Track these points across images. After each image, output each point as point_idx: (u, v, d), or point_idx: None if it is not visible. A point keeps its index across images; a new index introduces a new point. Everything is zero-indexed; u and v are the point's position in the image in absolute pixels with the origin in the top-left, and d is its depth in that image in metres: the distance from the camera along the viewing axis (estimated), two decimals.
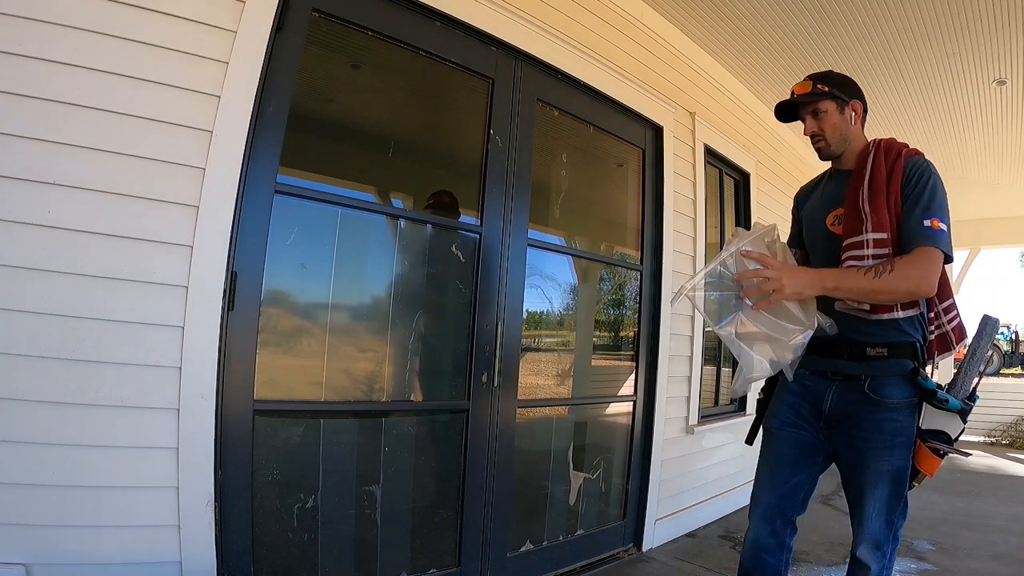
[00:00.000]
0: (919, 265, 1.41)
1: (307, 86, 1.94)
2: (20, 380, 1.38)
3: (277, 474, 1.81)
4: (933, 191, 1.47)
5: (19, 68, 1.39)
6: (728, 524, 3.49)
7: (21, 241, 1.39)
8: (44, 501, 1.40)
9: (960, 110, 4.28)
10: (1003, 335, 19.88)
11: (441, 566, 2.14)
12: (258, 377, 1.71)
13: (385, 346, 2.12)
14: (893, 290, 1.40)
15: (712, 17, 3.26)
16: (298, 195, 1.89)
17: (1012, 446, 7.01)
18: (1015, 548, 3.12)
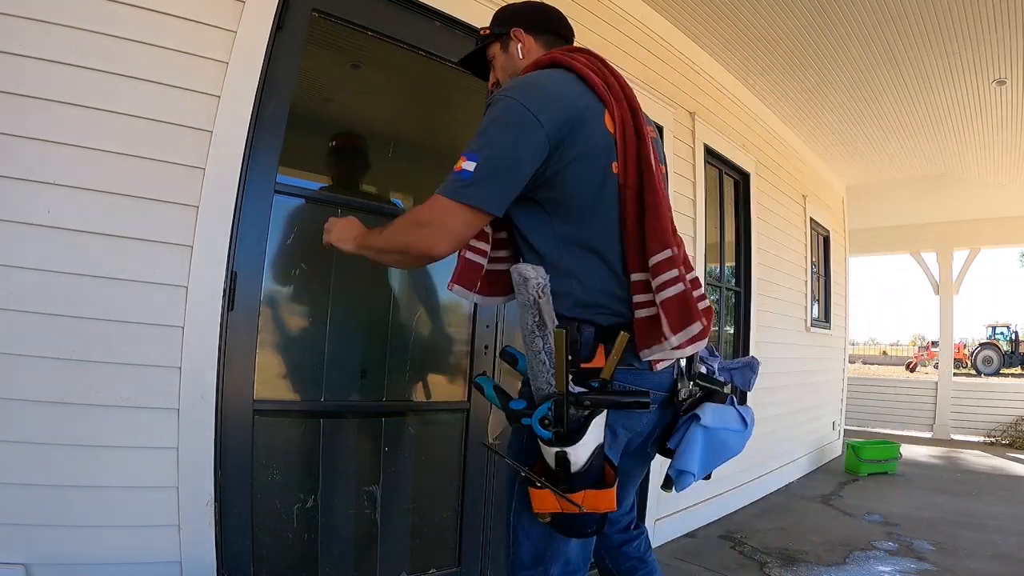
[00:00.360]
0: (413, 213, 1.10)
1: (307, 86, 1.94)
2: (20, 380, 1.38)
3: (277, 474, 1.81)
4: (486, 122, 1.04)
5: (19, 68, 1.39)
6: (728, 524, 3.49)
7: (21, 241, 1.39)
8: (44, 501, 1.40)
9: (960, 110, 4.28)
10: (1003, 335, 19.88)
11: (441, 566, 2.14)
12: (258, 377, 1.71)
13: (385, 345, 2.12)
14: (388, 247, 1.13)
15: (712, 17, 3.26)
16: (298, 195, 1.89)
17: (1012, 446, 7.01)
18: (1015, 548, 3.12)
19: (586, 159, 1.06)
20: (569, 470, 0.98)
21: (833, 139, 5.07)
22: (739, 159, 3.98)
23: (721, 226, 3.96)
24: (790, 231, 4.83)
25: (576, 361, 1.03)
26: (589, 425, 0.97)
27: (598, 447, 1.00)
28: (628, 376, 1.08)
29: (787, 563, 2.84)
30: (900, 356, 30.32)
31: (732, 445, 1.18)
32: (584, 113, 1.07)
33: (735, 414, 1.19)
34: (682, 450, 1.14)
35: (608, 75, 1.13)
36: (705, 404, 1.17)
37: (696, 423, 1.14)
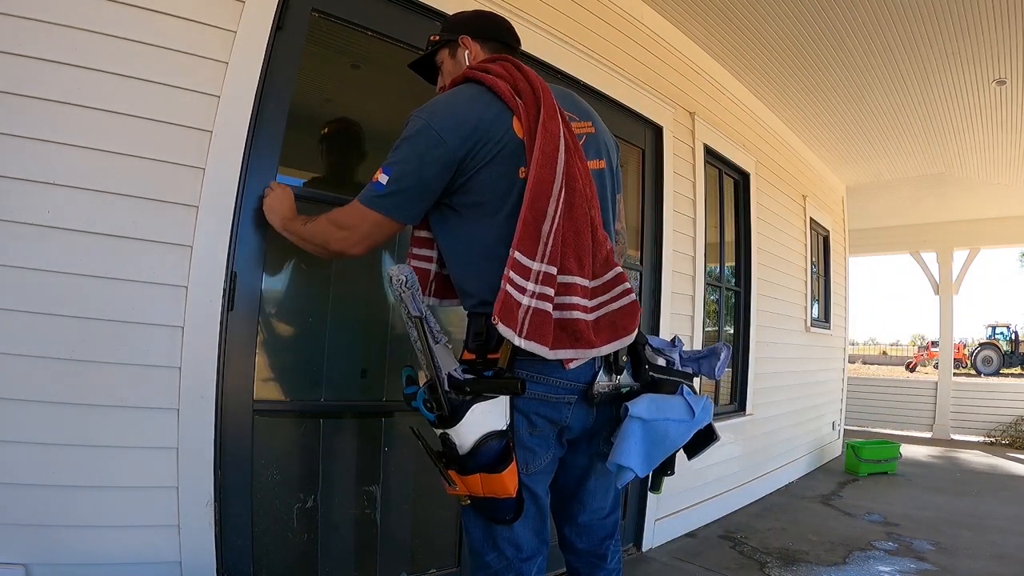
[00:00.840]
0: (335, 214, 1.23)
1: (307, 86, 1.94)
2: (20, 380, 1.38)
3: (277, 474, 1.81)
4: (401, 140, 1.15)
5: (19, 68, 1.39)
6: (728, 524, 3.49)
7: (21, 241, 1.39)
8: (44, 501, 1.40)
9: (960, 110, 4.28)
10: (1003, 335, 19.89)
11: (441, 566, 2.14)
12: (258, 377, 1.71)
13: (385, 345, 2.12)
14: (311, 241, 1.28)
15: (712, 17, 3.26)
16: (298, 195, 1.88)
17: (1012, 446, 7.02)
18: (1015, 548, 3.12)
19: (493, 165, 1.12)
20: (456, 452, 1.05)
21: (833, 139, 5.08)
22: (739, 159, 3.98)
23: (721, 226, 3.96)
24: (790, 231, 4.83)
25: (484, 352, 1.11)
26: (469, 409, 1.04)
27: (492, 432, 1.05)
28: (534, 366, 1.10)
29: (787, 563, 2.84)
30: (900, 356, 30.33)
31: (674, 436, 1.15)
32: (490, 124, 1.12)
33: (681, 404, 1.16)
34: (616, 444, 1.14)
35: (519, 79, 1.17)
36: (641, 396, 1.17)
37: (629, 416, 1.13)
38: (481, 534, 1.18)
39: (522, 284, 1.06)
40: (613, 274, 1.16)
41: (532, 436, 1.14)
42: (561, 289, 1.10)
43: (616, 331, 1.14)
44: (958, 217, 7.54)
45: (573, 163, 1.13)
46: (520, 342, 1.04)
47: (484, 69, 1.19)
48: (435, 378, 1.05)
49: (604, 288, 1.16)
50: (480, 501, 1.09)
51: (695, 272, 3.35)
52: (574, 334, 1.09)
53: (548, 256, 1.07)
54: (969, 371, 18.39)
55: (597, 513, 1.32)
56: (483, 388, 1.07)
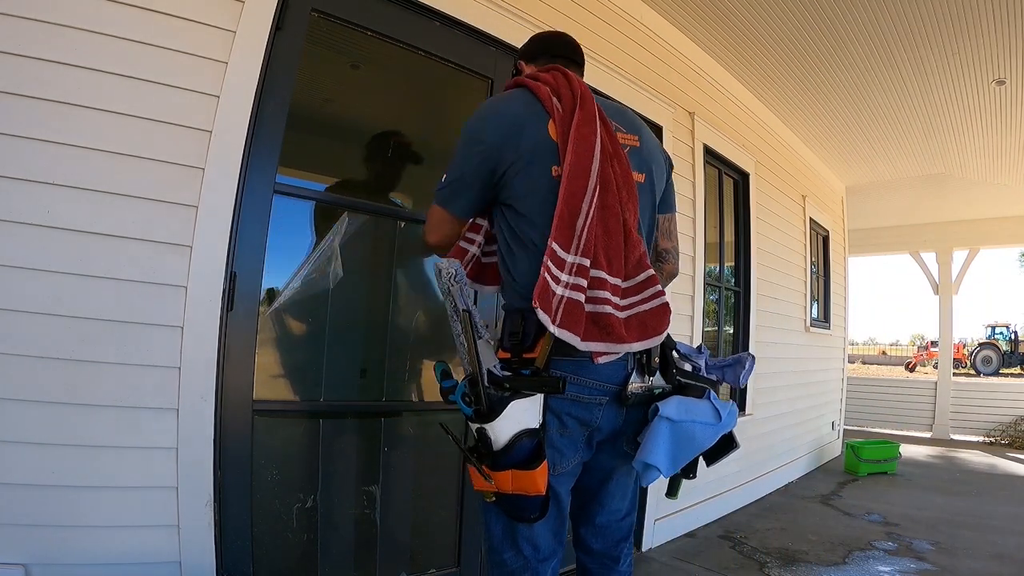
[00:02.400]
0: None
1: (306, 86, 1.94)
2: (19, 380, 1.38)
3: (276, 474, 1.81)
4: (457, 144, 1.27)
5: (19, 68, 1.39)
6: (728, 524, 3.50)
7: (21, 241, 1.39)
8: (43, 501, 1.40)
9: (960, 110, 4.29)
10: (1002, 335, 19.89)
11: (441, 566, 2.14)
12: (257, 377, 1.71)
13: (384, 345, 2.12)
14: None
15: (712, 18, 3.26)
16: (297, 195, 1.89)
17: (1011, 446, 7.02)
18: (1015, 548, 3.13)
19: (527, 163, 1.17)
20: (491, 447, 1.06)
21: (833, 139, 5.08)
22: (738, 159, 3.98)
23: (720, 226, 3.96)
24: (789, 231, 4.83)
25: (519, 352, 1.13)
26: (507, 405, 1.05)
27: (526, 430, 1.07)
28: (569, 366, 1.12)
29: (787, 563, 2.84)
30: (899, 356, 30.33)
31: (700, 438, 1.18)
32: (525, 122, 1.19)
33: (708, 407, 1.20)
34: (644, 443, 1.16)
35: (563, 86, 1.23)
36: (670, 398, 1.19)
37: (659, 416, 1.15)
38: (501, 532, 1.19)
39: (557, 274, 1.09)
40: (645, 276, 1.19)
41: (562, 437, 1.16)
42: (593, 283, 1.12)
43: (646, 331, 1.15)
44: (958, 217, 7.54)
45: (608, 168, 1.17)
46: (554, 329, 1.06)
47: (534, 77, 1.28)
48: (476, 373, 1.06)
49: (636, 289, 1.18)
50: (506, 498, 1.10)
51: (695, 272, 3.35)
52: (605, 328, 1.11)
53: (582, 249, 1.11)
54: (969, 371, 18.40)
55: (615, 515, 1.33)
56: (523, 385, 1.08)
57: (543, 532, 1.19)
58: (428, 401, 2.24)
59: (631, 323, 1.15)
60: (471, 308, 1.12)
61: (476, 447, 1.10)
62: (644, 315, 1.16)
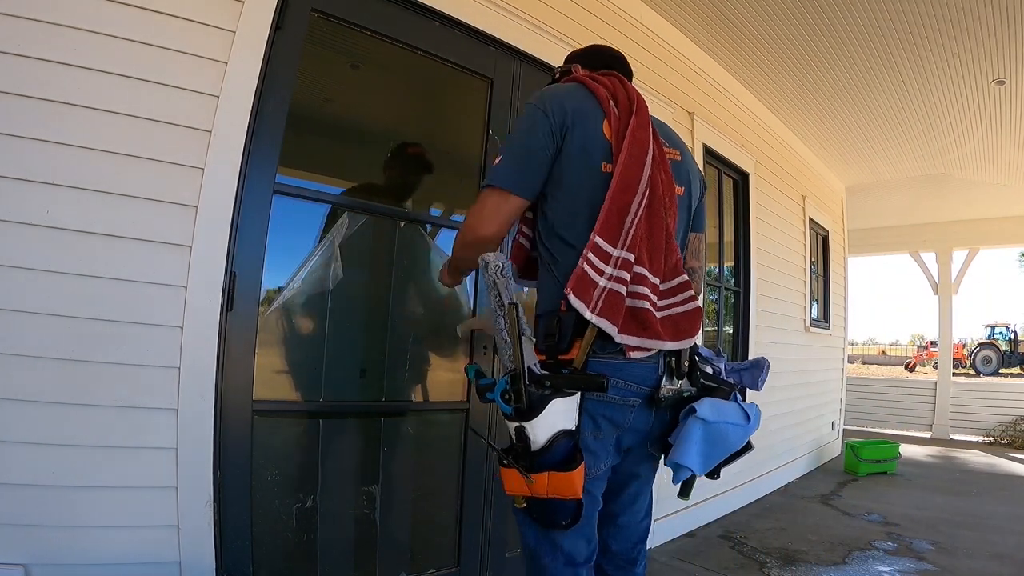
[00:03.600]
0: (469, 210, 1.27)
1: (306, 86, 1.93)
2: (19, 380, 1.38)
3: (276, 474, 1.81)
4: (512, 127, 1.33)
5: (19, 68, 1.39)
6: (728, 524, 3.50)
7: (20, 241, 1.39)
8: (43, 501, 1.40)
9: (959, 110, 4.29)
10: (1002, 335, 19.90)
11: (440, 566, 2.14)
12: (257, 377, 1.71)
13: (384, 345, 2.12)
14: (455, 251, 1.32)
15: (711, 18, 3.26)
16: (297, 195, 1.89)
17: (1011, 446, 7.02)
18: (1014, 548, 3.13)
19: (579, 154, 1.18)
20: (529, 447, 1.04)
21: (832, 139, 5.08)
22: (738, 159, 3.98)
23: (720, 226, 3.96)
24: (789, 231, 4.83)
25: (555, 353, 1.11)
26: (548, 403, 1.04)
27: (564, 430, 1.06)
28: (605, 366, 1.12)
29: (786, 563, 2.84)
30: (899, 356, 30.35)
31: (732, 439, 1.20)
32: (584, 115, 1.20)
33: (737, 409, 1.22)
34: (678, 443, 1.17)
35: (620, 91, 1.25)
36: (703, 399, 1.20)
37: (693, 417, 1.16)
38: (535, 536, 1.17)
39: (600, 267, 1.09)
40: (680, 280, 1.22)
41: (595, 440, 1.15)
42: (635, 278, 1.13)
43: (679, 332, 1.18)
44: (957, 217, 7.54)
45: (657, 172, 1.19)
46: (591, 317, 1.06)
47: (592, 77, 1.30)
48: (519, 369, 1.04)
49: (671, 292, 1.21)
50: (538, 504, 1.08)
51: None
52: (643, 323, 1.12)
53: (628, 245, 1.12)
54: (968, 371, 18.41)
55: (635, 516, 1.34)
56: (564, 383, 1.07)
57: (576, 538, 1.16)
58: (428, 401, 2.24)
59: (665, 323, 1.17)
60: (517, 303, 1.10)
61: (512, 447, 1.07)
62: (678, 317, 1.19)
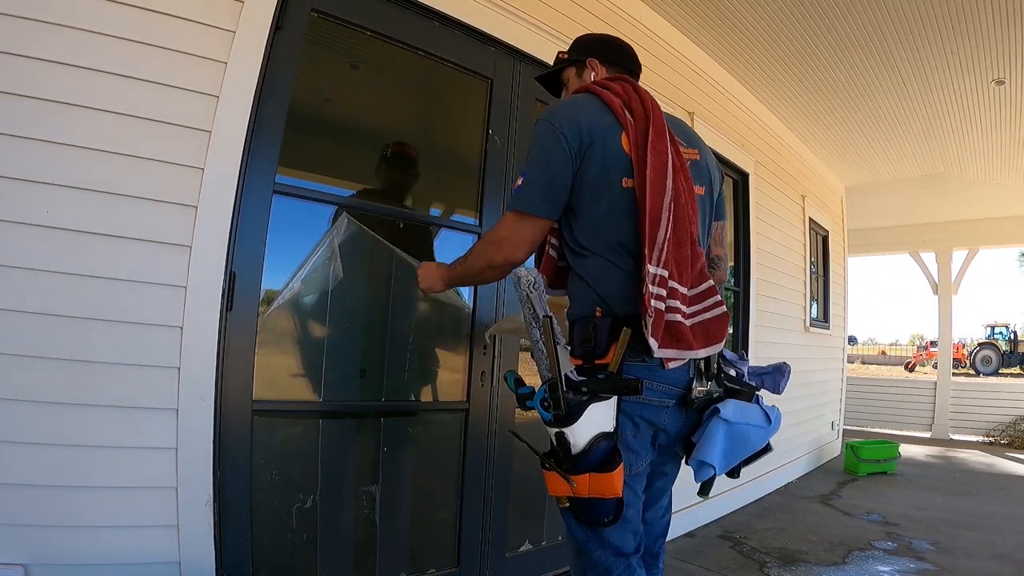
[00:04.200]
0: (489, 233, 1.30)
1: (306, 86, 1.93)
2: (19, 380, 1.38)
3: (276, 474, 1.81)
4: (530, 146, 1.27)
5: (19, 68, 1.39)
6: (727, 524, 3.50)
7: (20, 241, 1.39)
8: (43, 501, 1.40)
9: (959, 110, 4.29)
10: (1002, 335, 19.90)
11: (440, 566, 2.14)
12: (257, 377, 1.71)
13: (384, 345, 2.12)
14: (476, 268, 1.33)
15: (711, 18, 3.26)
16: (297, 195, 1.89)
17: (1011, 446, 7.02)
18: (1014, 547, 3.13)
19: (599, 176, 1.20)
20: (570, 451, 1.07)
21: (832, 139, 5.08)
22: (738, 159, 3.98)
23: None
24: (789, 231, 4.83)
25: (591, 358, 1.14)
26: (586, 409, 1.07)
27: (602, 433, 1.08)
28: (639, 370, 1.15)
29: (786, 563, 2.84)
30: (899, 356, 30.34)
31: (753, 440, 1.24)
32: (598, 128, 1.21)
33: (758, 411, 1.26)
34: (702, 442, 1.20)
35: (635, 100, 1.25)
36: (728, 400, 1.24)
37: (717, 417, 1.20)
38: (583, 533, 1.20)
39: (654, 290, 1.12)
40: (707, 286, 1.24)
41: (635, 438, 1.19)
42: (669, 293, 1.16)
43: (709, 337, 1.21)
44: (957, 217, 7.54)
45: (679, 181, 1.20)
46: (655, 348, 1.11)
47: (604, 86, 1.29)
48: (556, 378, 1.08)
49: (699, 298, 1.23)
50: (581, 503, 1.12)
51: None
52: (676, 335, 1.15)
53: (663, 261, 1.14)
54: (968, 371, 18.41)
55: (658, 511, 1.39)
56: (601, 388, 1.10)
57: (624, 532, 1.20)
58: (428, 401, 2.24)
59: (696, 330, 1.19)
60: (551, 314, 1.12)
61: (553, 452, 1.11)
62: (708, 323, 1.22)
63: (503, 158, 2.30)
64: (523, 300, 1.13)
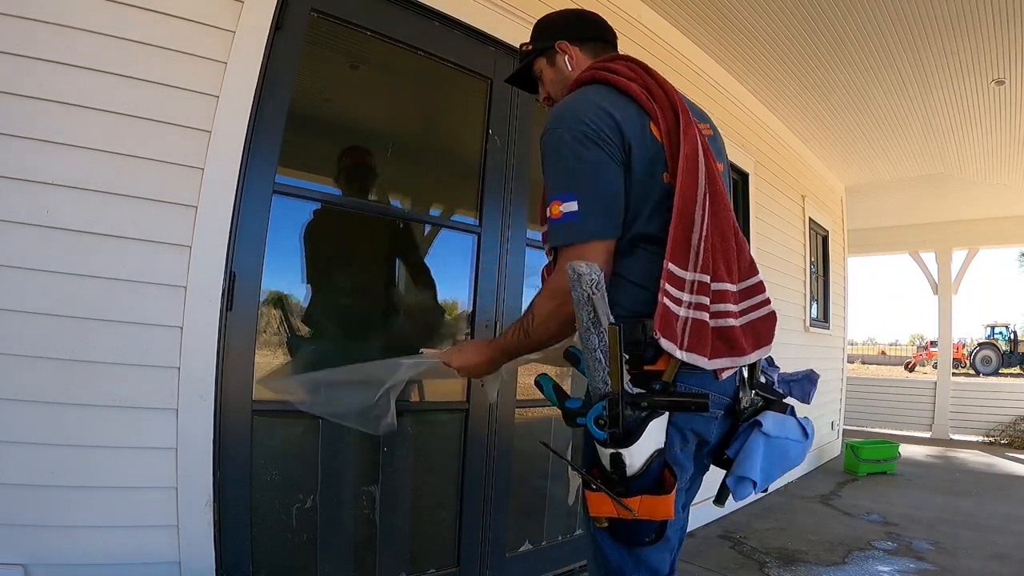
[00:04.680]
0: (544, 289, 1.12)
1: (306, 86, 1.93)
2: (18, 380, 1.38)
3: (276, 474, 1.81)
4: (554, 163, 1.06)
5: (19, 68, 1.39)
6: (727, 524, 3.50)
7: (20, 241, 1.39)
8: (42, 501, 1.40)
9: (959, 110, 4.29)
10: (1002, 335, 19.91)
11: (440, 566, 2.14)
12: (257, 377, 1.71)
13: (384, 345, 2.12)
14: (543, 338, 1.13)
15: (711, 18, 3.26)
16: (297, 195, 1.89)
17: (1011, 446, 7.02)
18: (1014, 547, 3.13)
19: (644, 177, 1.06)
20: (625, 473, 0.95)
21: (832, 139, 5.08)
22: (738, 159, 3.98)
23: None
24: (789, 231, 4.83)
25: (640, 363, 1.02)
26: (646, 427, 0.94)
27: (657, 451, 0.97)
28: (692, 379, 1.05)
29: (786, 563, 2.84)
30: (899, 356, 30.35)
31: (793, 455, 1.14)
32: (631, 126, 1.06)
33: (795, 424, 1.17)
34: (743, 457, 1.10)
35: (650, 81, 1.12)
36: (766, 412, 1.15)
37: (758, 430, 1.11)
38: (619, 554, 1.07)
39: (678, 296, 1.01)
40: (755, 280, 1.13)
41: (683, 452, 1.09)
42: (715, 297, 1.05)
43: (759, 340, 1.10)
44: (957, 217, 7.54)
45: (712, 166, 1.07)
46: (681, 355, 0.99)
47: (609, 69, 1.12)
48: (617, 393, 0.94)
49: (748, 293, 1.12)
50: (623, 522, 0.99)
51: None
52: (729, 341, 1.05)
53: (700, 265, 1.02)
54: (968, 371, 18.42)
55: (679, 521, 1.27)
56: (663, 405, 0.97)
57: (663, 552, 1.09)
58: (428, 401, 2.24)
59: (747, 331, 1.09)
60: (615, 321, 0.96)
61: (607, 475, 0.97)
62: (756, 323, 1.11)
63: (503, 158, 2.30)
64: (582, 302, 0.93)
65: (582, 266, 0.93)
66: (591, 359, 0.95)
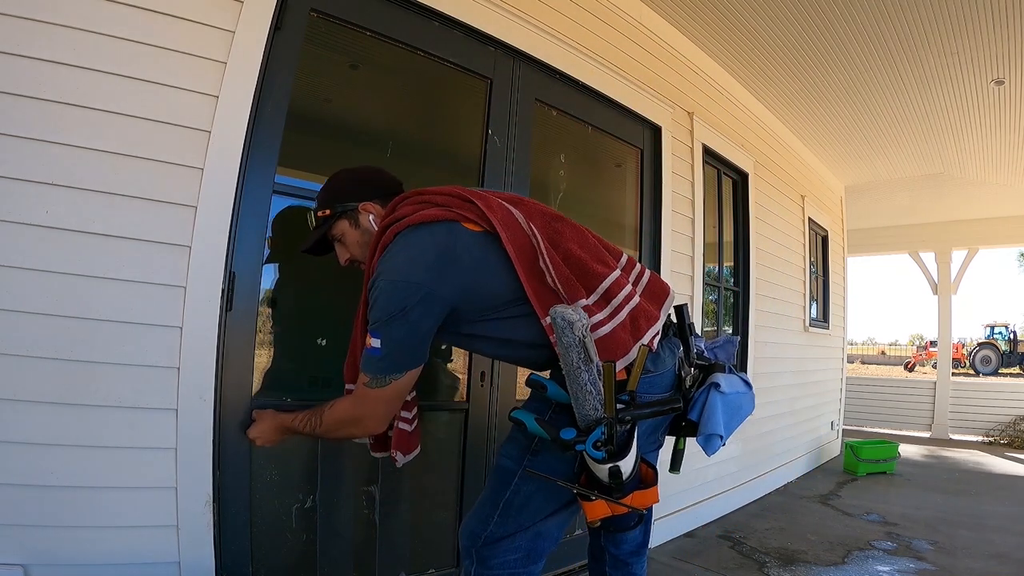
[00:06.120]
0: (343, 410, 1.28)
1: (305, 86, 1.93)
2: (18, 380, 1.38)
3: (276, 474, 1.81)
4: (378, 296, 1.16)
5: (19, 68, 1.39)
6: (727, 524, 3.50)
7: (19, 241, 1.39)
8: (42, 502, 1.40)
9: (958, 110, 4.29)
10: (1001, 335, 19.92)
11: (440, 566, 2.14)
12: (256, 377, 1.71)
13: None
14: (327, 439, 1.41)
15: (711, 18, 3.26)
16: (296, 195, 1.89)
17: (1010, 446, 7.03)
18: (1013, 547, 3.13)
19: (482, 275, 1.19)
20: (621, 480, 1.11)
21: (832, 139, 5.08)
22: (737, 159, 3.98)
23: (720, 226, 3.97)
24: (788, 231, 4.83)
25: None
26: (634, 437, 1.11)
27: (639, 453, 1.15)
28: (643, 384, 1.19)
29: (786, 563, 2.85)
30: (898, 356, 30.37)
31: (745, 406, 1.32)
32: (448, 246, 1.17)
33: (739, 379, 1.35)
34: (706, 417, 1.26)
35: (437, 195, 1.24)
36: (717, 374, 1.31)
37: (715, 391, 1.27)
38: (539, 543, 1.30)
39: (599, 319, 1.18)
40: (626, 256, 1.34)
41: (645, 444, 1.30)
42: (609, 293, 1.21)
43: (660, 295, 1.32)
44: (957, 217, 7.54)
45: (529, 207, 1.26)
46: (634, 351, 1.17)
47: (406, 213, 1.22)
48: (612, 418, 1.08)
49: (629, 267, 1.32)
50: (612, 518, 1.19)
51: (693, 272, 3.36)
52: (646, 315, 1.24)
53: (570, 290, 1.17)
54: (968, 371, 18.43)
55: None
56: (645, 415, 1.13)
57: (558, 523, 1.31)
58: (427, 401, 2.24)
59: (649, 298, 1.28)
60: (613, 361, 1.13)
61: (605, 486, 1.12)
62: (650, 284, 1.32)
63: (502, 158, 2.30)
64: (573, 345, 1.05)
65: (571, 313, 1.05)
66: (581, 392, 1.08)
